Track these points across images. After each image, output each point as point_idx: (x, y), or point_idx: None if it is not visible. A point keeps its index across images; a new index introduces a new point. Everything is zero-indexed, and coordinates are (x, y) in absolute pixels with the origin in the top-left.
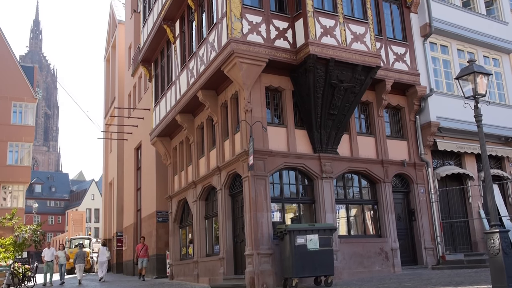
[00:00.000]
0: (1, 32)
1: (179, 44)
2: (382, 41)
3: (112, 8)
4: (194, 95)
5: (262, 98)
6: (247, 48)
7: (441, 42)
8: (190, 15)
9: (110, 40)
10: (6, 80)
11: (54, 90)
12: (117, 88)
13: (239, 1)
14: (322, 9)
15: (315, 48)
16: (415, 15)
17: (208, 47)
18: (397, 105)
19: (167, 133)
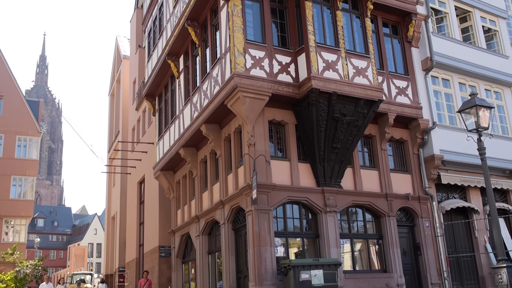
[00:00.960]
0: (8, 67)
1: (183, 79)
2: (384, 75)
3: (118, 44)
4: (197, 129)
5: (265, 132)
6: (250, 83)
7: (442, 76)
8: (194, 50)
9: (115, 75)
10: (11, 114)
11: (58, 124)
12: (121, 122)
13: (242, 37)
14: (324, 44)
15: (317, 82)
16: (416, 49)
17: (212, 81)
18: (400, 139)
19: (171, 167)
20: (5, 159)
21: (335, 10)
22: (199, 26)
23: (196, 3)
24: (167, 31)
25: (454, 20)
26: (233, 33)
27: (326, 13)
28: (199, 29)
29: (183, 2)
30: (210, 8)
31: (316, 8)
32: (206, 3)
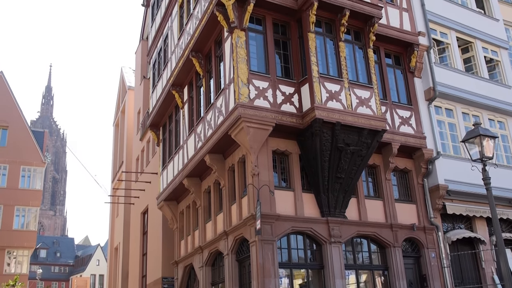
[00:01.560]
0: (14, 98)
1: (187, 109)
2: (387, 105)
3: (123, 75)
4: (201, 159)
5: (269, 162)
6: (254, 113)
7: (445, 106)
8: (198, 81)
9: (119, 105)
10: (16, 145)
11: (63, 155)
12: (125, 152)
13: (246, 68)
14: (327, 74)
15: (321, 112)
16: (419, 80)
17: (216, 111)
18: (405, 168)
19: (174, 197)
20: (9, 190)
21: (337, 41)
22: (203, 57)
23: (200, 35)
24: (171, 62)
25: (456, 50)
26: (237, 64)
27: (329, 44)
28: (203, 60)
29: (188, 34)
30: (214, 39)
31: (319, 40)
32: (211, 35)
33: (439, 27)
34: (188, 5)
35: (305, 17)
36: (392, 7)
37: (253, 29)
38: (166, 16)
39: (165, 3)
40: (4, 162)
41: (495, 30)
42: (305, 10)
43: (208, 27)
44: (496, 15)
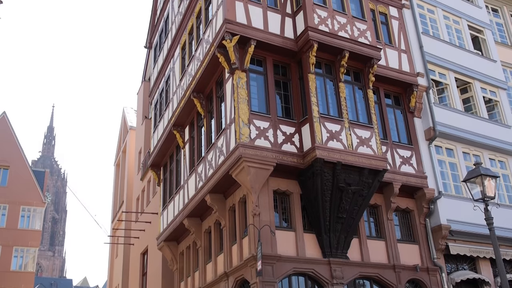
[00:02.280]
0: (16, 138)
1: (188, 149)
2: (388, 144)
3: (125, 115)
4: (202, 199)
5: (270, 202)
6: (255, 153)
7: (446, 145)
8: (199, 121)
9: (121, 145)
10: (17, 185)
11: (63, 194)
12: (126, 192)
13: (247, 108)
14: (328, 114)
15: (321, 152)
16: (419, 120)
17: (217, 151)
18: (406, 208)
19: (174, 237)
20: (8, 230)
21: (337, 82)
22: (204, 97)
23: (202, 76)
24: (173, 102)
25: (455, 91)
26: (238, 104)
27: (329, 85)
28: (204, 101)
29: (190, 75)
30: (215, 80)
31: (319, 80)
32: (212, 76)
33: (438, 68)
34: (190, 47)
35: (305, 58)
36: (390, 48)
37: (254, 70)
38: (168, 57)
39: (167, 45)
40: (4, 202)
41: (493, 71)
42: (305, 52)
43: (209, 68)
44: (493, 56)
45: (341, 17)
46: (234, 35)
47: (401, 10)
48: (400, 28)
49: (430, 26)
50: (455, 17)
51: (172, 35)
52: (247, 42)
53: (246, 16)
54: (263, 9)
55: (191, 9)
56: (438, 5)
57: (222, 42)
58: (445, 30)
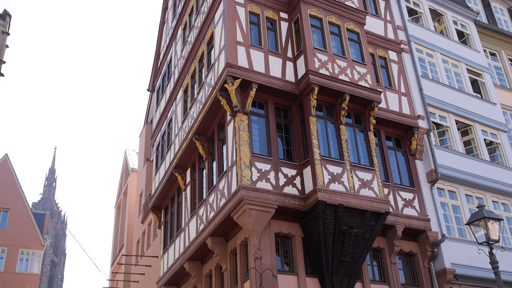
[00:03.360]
0: (17, 181)
1: (190, 191)
2: (390, 187)
3: (126, 157)
4: (203, 242)
5: (271, 245)
6: (257, 195)
7: (448, 188)
8: (201, 163)
9: (122, 188)
10: (16, 227)
11: (63, 237)
12: (126, 235)
13: (249, 150)
14: (329, 157)
15: (323, 195)
16: (420, 162)
17: (218, 194)
18: (410, 251)
19: (175, 281)
20: (6, 273)
21: (338, 124)
22: (206, 140)
23: (204, 119)
24: (175, 145)
25: (456, 133)
26: (240, 147)
27: (330, 127)
28: (206, 143)
29: (192, 118)
30: (217, 123)
31: (320, 123)
32: (214, 119)
33: (438, 110)
34: (192, 90)
35: (306, 101)
36: (391, 91)
37: (256, 113)
38: (170, 100)
39: (170, 88)
40: (3, 245)
41: (493, 114)
42: (306, 95)
43: (211, 111)
44: (493, 99)
45: (341, 61)
46: (236, 79)
47: (400, 54)
48: (400, 72)
49: (429, 70)
50: (454, 60)
51: (175, 78)
52: (249, 85)
53: (247, 60)
54: (265, 53)
55: (193, 53)
56: (436, 49)
57: (224, 86)
58: (444, 74)
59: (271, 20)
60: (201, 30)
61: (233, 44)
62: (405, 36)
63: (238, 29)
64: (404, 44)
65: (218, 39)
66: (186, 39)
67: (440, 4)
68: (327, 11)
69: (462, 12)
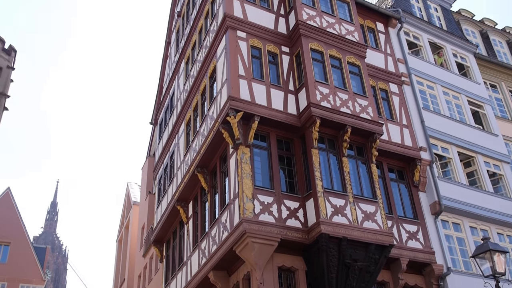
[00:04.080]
0: (19, 214)
1: (192, 225)
2: (393, 219)
3: (128, 190)
4: (205, 276)
5: (274, 279)
6: (259, 228)
7: (452, 220)
8: (203, 196)
9: (124, 221)
10: (17, 262)
11: (63, 271)
12: (128, 269)
13: (251, 183)
14: (332, 189)
15: (326, 227)
16: (424, 194)
17: (221, 227)
18: (415, 285)
19: None
20: None
21: (341, 156)
22: (208, 173)
23: (206, 152)
24: (177, 177)
25: (459, 165)
26: (242, 179)
27: (332, 159)
28: (208, 176)
29: (194, 151)
30: (219, 156)
31: (322, 155)
32: (216, 151)
33: (440, 142)
34: (195, 123)
35: (308, 134)
36: (392, 123)
37: (258, 146)
38: (173, 133)
39: (172, 121)
40: (3, 279)
41: (495, 145)
42: (308, 127)
43: (213, 143)
44: (494, 130)
45: (342, 94)
46: (238, 112)
47: (401, 86)
48: (401, 104)
49: (431, 102)
50: (455, 92)
51: (177, 111)
52: (251, 118)
53: (250, 93)
54: (267, 86)
55: (196, 86)
56: (437, 81)
57: (226, 118)
58: (445, 105)
59: (272, 53)
60: (204, 64)
61: (235, 77)
62: (406, 69)
63: (240, 62)
64: (404, 76)
65: (220, 73)
66: (189, 73)
67: (439, 37)
68: (328, 44)
69: (462, 45)
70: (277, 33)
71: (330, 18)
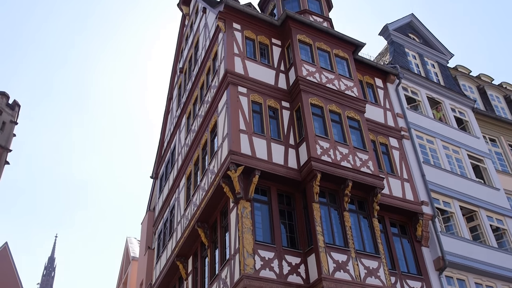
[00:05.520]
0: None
1: (191, 281)
2: (397, 275)
3: (127, 245)
4: None
5: None
6: (260, 285)
7: (457, 276)
8: (203, 251)
9: (122, 277)
10: None
11: None
12: None
13: (252, 238)
14: (334, 244)
15: (329, 284)
16: (427, 249)
17: (221, 283)
18: None
19: None
20: None
21: (342, 211)
22: (209, 227)
23: (206, 206)
24: (177, 232)
25: (461, 219)
26: (243, 234)
27: (333, 214)
28: (208, 231)
29: (194, 205)
30: (220, 210)
31: (323, 210)
32: (217, 206)
33: (442, 196)
34: (196, 177)
35: (309, 188)
36: (393, 177)
37: (259, 200)
38: (173, 187)
39: (173, 175)
40: None
41: (497, 199)
42: (309, 182)
43: (214, 198)
44: (496, 184)
45: (343, 148)
46: (238, 166)
47: (401, 140)
48: (401, 158)
49: (431, 156)
50: (454, 147)
51: (178, 165)
52: (252, 172)
53: (250, 147)
54: (267, 141)
55: (197, 141)
56: (436, 135)
57: (227, 173)
58: (446, 159)
59: (273, 108)
60: (205, 119)
61: (236, 132)
62: (405, 123)
63: (241, 117)
64: (404, 131)
65: (221, 127)
66: (190, 127)
67: (437, 93)
68: (328, 99)
69: (459, 100)
70: (277, 88)
71: (330, 74)
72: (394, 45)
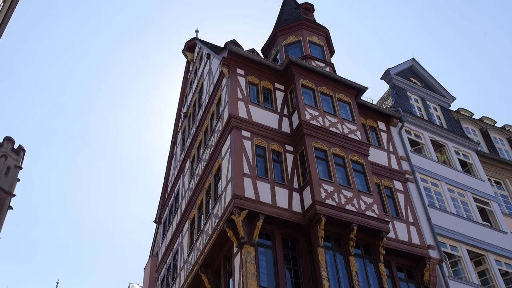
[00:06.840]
0: None
1: None
2: None
3: None
4: None
5: None
6: None
7: None
8: None
9: None
10: None
11: None
12: None
13: (256, 283)
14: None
15: None
16: None
17: None
18: None
19: None
20: None
21: (348, 255)
22: (212, 273)
23: (210, 251)
24: (180, 278)
25: (469, 263)
26: (247, 279)
27: (339, 258)
28: (212, 276)
29: (198, 250)
30: (224, 255)
31: (328, 254)
32: (220, 251)
33: (448, 240)
34: (199, 222)
35: (313, 232)
36: (398, 221)
37: (263, 244)
38: (177, 232)
39: (176, 219)
40: None
41: (505, 243)
42: (313, 226)
43: (218, 242)
44: (503, 227)
45: (347, 191)
46: (242, 210)
47: (405, 183)
48: (406, 201)
49: (436, 199)
50: (460, 190)
51: (182, 210)
52: (256, 216)
53: (254, 191)
54: (271, 185)
55: (201, 185)
56: (441, 178)
57: (230, 217)
58: (451, 203)
59: (276, 152)
60: (209, 163)
61: (239, 176)
62: (409, 166)
63: (245, 161)
64: (408, 174)
65: (225, 171)
66: (194, 171)
67: (440, 136)
68: (331, 143)
69: (463, 143)
70: (281, 132)
71: (333, 118)
72: (396, 89)
